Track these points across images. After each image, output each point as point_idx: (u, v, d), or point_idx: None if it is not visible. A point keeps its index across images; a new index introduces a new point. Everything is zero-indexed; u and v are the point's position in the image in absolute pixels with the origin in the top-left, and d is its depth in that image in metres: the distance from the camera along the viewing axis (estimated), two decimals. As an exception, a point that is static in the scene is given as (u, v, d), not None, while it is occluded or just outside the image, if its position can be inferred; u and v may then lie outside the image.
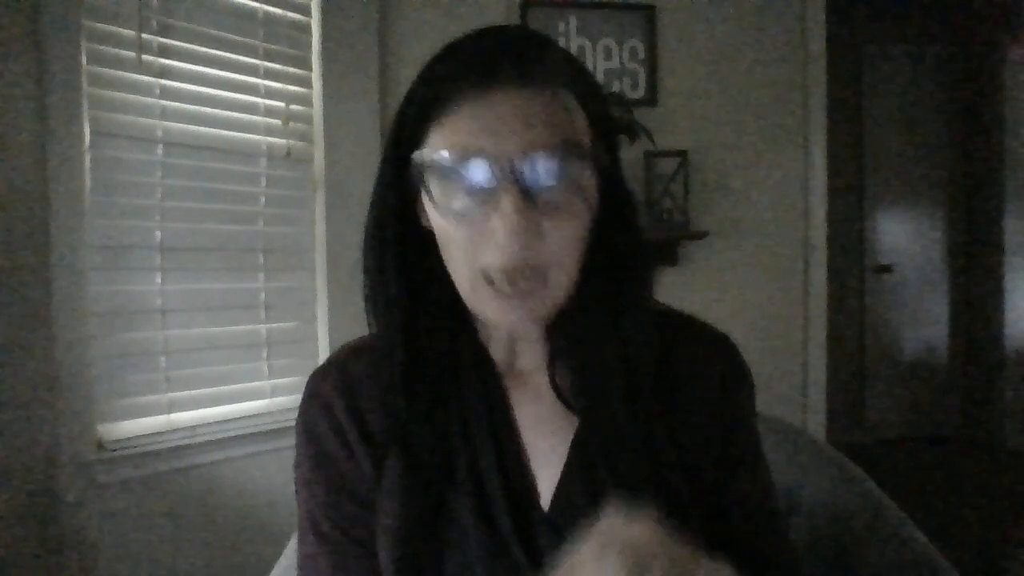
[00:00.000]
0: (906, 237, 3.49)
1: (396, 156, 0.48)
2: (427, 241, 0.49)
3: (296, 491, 0.54)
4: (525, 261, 0.44)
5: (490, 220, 0.43)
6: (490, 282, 0.45)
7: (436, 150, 0.44)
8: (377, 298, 0.52)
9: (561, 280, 0.46)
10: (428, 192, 0.46)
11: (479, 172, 0.43)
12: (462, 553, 0.47)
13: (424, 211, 0.49)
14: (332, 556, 0.51)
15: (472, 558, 0.47)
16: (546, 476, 0.50)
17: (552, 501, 0.50)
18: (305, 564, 0.53)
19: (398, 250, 0.50)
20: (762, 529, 0.54)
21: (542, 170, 0.43)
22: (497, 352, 0.54)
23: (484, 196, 0.43)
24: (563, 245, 0.45)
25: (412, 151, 0.46)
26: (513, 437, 0.52)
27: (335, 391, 0.53)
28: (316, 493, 0.52)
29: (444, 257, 0.48)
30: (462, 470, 0.49)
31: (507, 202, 0.42)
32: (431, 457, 0.49)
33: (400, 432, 0.50)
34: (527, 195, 0.42)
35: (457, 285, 0.48)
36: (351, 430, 0.52)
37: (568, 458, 0.50)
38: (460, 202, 0.44)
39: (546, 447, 0.51)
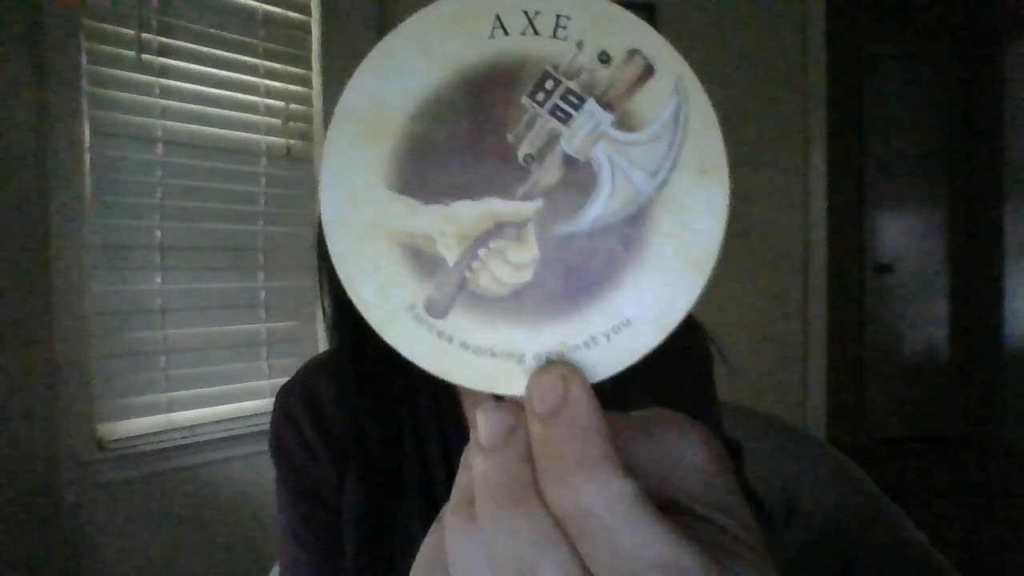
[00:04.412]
0: (906, 237, 3.49)
1: None
2: None
3: (277, 499, 0.55)
4: None
5: None
6: None
7: None
8: (328, 303, 0.53)
9: None
10: None
11: None
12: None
13: None
14: (312, 562, 0.52)
15: None
16: None
17: None
18: (288, 570, 0.53)
19: None
20: None
21: None
22: None
23: None
24: None
25: None
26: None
27: (299, 402, 0.54)
28: (292, 501, 0.53)
29: None
30: (413, 476, 0.50)
31: None
32: (383, 465, 0.50)
33: (354, 441, 0.51)
34: None
35: None
36: (315, 439, 0.53)
37: None
38: None
39: None
